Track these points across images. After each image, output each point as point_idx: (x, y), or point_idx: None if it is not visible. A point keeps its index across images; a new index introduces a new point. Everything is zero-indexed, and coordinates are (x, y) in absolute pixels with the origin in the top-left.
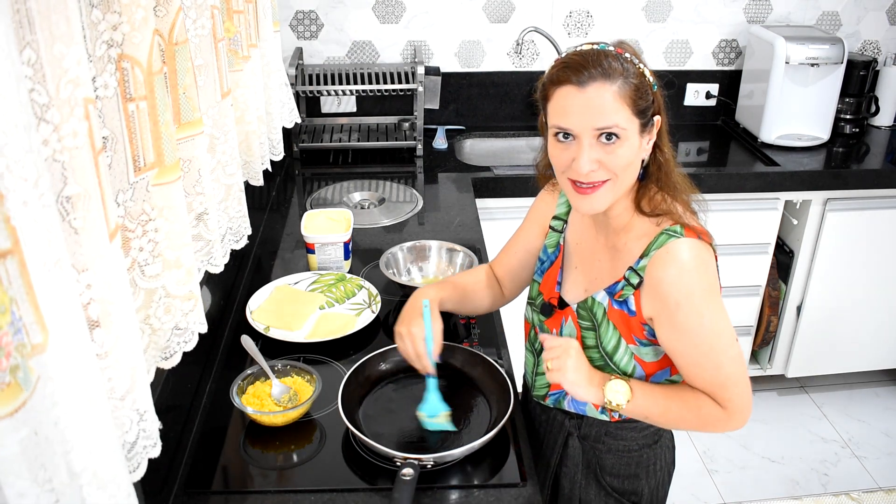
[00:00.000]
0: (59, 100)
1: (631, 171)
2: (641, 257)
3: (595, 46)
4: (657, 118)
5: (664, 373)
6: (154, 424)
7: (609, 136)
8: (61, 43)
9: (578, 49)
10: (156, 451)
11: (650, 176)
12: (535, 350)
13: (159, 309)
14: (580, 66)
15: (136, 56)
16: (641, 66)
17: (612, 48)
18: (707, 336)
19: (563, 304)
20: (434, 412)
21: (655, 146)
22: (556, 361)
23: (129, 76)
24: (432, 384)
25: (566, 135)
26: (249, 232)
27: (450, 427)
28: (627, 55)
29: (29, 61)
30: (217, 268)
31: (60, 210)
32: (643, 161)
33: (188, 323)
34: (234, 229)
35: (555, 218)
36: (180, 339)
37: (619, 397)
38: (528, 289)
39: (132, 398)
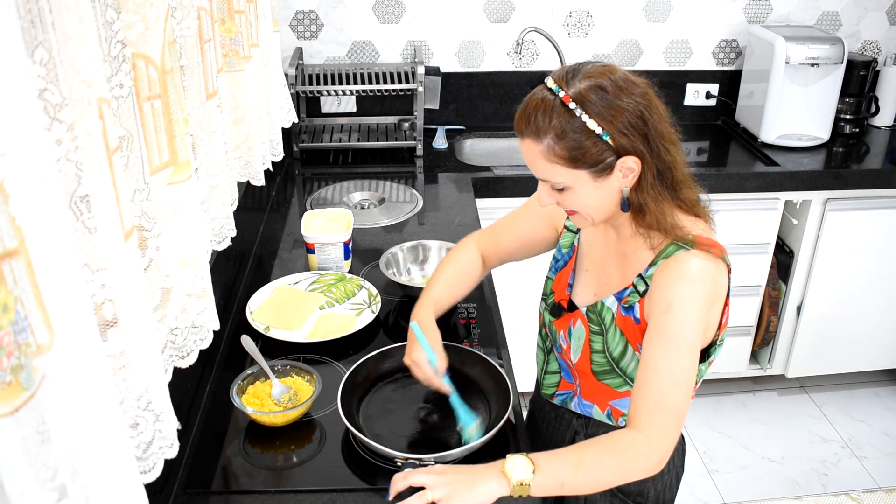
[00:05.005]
0: (73, 99)
1: (596, 209)
2: (651, 265)
3: (546, 91)
4: (626, 159)
5: None
6: (171, 425)
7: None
8: (74, 42)
9: (529, 96)
10: (172, 452)
11: (635, 211)
12: (545, 347)
13: (176, 308)
14: (519, 119)
15: (151, 55)
16: (586, 118)
17: (560, 95)
18: (683, 350)
19: (572, 307)
20: (468, 423)
21: (640, 181)
22: (435, 492)
23: (144, 75)
24: (454, 401)
25: None
26: (233, 234)
27: (476, 438)
28: (573, 105)
29: (41, 61)
30: None
31: (74, 210)
32: (623, 192)
33: (203, 321)
34: (217, 230)
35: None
36: (196, 337)
37: (521, 471)
38: (543, 284)
39: (147, 398)
